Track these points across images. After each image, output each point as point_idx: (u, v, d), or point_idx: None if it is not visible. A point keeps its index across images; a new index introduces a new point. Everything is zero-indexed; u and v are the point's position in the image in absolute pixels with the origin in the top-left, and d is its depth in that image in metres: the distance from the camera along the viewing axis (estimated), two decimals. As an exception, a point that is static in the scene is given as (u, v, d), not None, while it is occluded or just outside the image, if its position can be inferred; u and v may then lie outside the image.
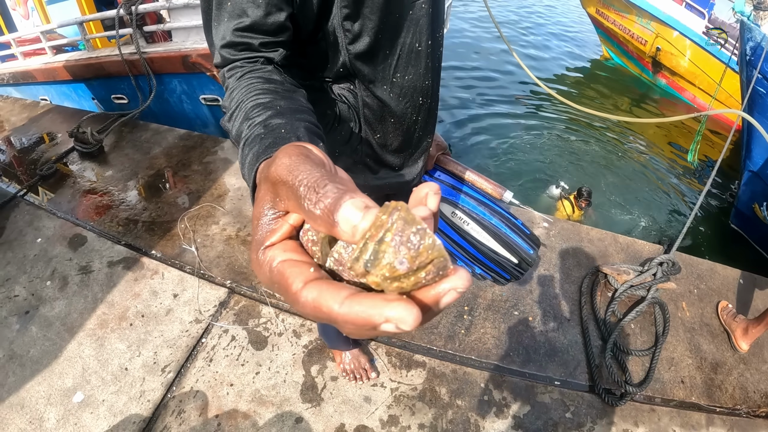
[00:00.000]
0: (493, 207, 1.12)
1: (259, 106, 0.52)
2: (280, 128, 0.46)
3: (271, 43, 0.65)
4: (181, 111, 3.74)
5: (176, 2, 3.08)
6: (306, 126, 0.48)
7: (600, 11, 7.22)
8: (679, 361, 1.99)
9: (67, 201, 2.70)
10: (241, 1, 0.62)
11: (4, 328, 2.01)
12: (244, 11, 0.62)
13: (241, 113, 0.53)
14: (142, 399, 1.72)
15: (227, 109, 0.58)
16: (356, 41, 0.77)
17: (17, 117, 3.83)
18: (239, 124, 0.52)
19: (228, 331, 1.93)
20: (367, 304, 0.24)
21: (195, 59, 3.15)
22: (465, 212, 1.10)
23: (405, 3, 0.78)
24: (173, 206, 2.60)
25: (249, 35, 0.63)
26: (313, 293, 0.25)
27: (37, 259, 2.33)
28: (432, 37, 0.86)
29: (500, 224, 1.09)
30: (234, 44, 0.64)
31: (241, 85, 0.58)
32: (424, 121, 0.97)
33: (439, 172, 1.18)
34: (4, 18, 4.97)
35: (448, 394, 1.76)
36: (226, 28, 0.64)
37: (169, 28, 3.28)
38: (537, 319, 2.05)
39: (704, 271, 2.41)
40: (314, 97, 0.75)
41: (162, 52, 3.31)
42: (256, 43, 0.64)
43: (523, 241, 1.09)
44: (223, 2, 0.64)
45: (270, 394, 1.72)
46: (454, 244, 1.13)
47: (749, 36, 3.65)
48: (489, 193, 1.15)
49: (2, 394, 1.77)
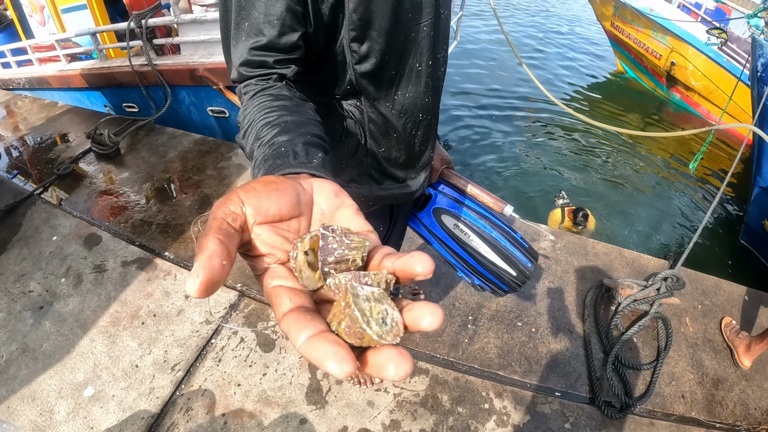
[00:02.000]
0: (494, 220, 1.16)
1: (267, 125, 0.57)
2: (281, 147, 0.51)
3: (285, 60, 0.70)
4: (189, 121, 3.85)
5: (184, 18, 3.17)
6: (306, 140, 0.53)
7: (615, 25, 7.23)
8: (681, 376, 2.00)
9: (83, 201, 2.77)
10: (258, 22, 0.67)
11: (18, 322, 2.07)
12: (261, 31, 0.67)
13: (253, 132, 0.58)
14: (151, 395, 1.77)
15: (241, 126, 0.63)
16: (363, 62, 0.81)
17: (35, 116, 3.93)
18: (251, 142, 0.57)
19: (237, 333, 1.98)
20: (316, 353, 0.28)
21: (202, 73, 3.25)
22: (467, 225, 1.14)
23: (409, 26, 0.82)
24: (187, 209, 2.66)
25: (264, 53, 0.68)
26: (285, 326, 0.31)
27: (52, 256, 2.39)
28: (433, 58, 0.90)
29: (500, 237, 1.13)
30: (250, 62, 0.69)
31: (253, 103, 0.64)
32: (424, 136, 1.01)
33: (443, 185, 1.22)
34: (22, 24, 5.11)
35: (449, 401, 1.79)
36: (244, 47, 0.69)
37: (178, 41, 3.38)
38: (540, 330, 2.07)
39: (709, 287, 2.42)
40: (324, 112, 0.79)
41: (171, 64, 3.41)
42: (270, 60, 0.69)
43: (522, 254, 1.13)
44: (240, 23, 0.69)
45: (276, 395, 1.76)
46: (455, 255, 1.17)
47: (761, 52, 3.65)
48: (490, 207, 1.19)
49: (14, 386, 1.82)
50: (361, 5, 0.73)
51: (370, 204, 1.07)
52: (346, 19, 0.75)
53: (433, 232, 1.19)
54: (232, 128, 3.72)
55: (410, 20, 0.81)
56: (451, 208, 1.16)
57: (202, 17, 3.13)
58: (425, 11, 0.83)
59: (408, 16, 0.80)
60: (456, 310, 2.11)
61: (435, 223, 1.17)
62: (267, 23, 0.67)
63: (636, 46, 6.97)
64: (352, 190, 1.02)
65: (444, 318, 0.32)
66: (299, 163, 0.47)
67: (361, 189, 1.03)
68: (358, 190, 1.03)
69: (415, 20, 0.82)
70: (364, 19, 0.75)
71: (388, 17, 0.77)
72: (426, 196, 1.23)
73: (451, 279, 2.24)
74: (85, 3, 4.08)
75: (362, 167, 0.99)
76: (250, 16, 0.68)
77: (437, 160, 1.22)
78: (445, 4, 0.89)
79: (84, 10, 4.14)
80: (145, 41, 3.32)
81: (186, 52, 3.43)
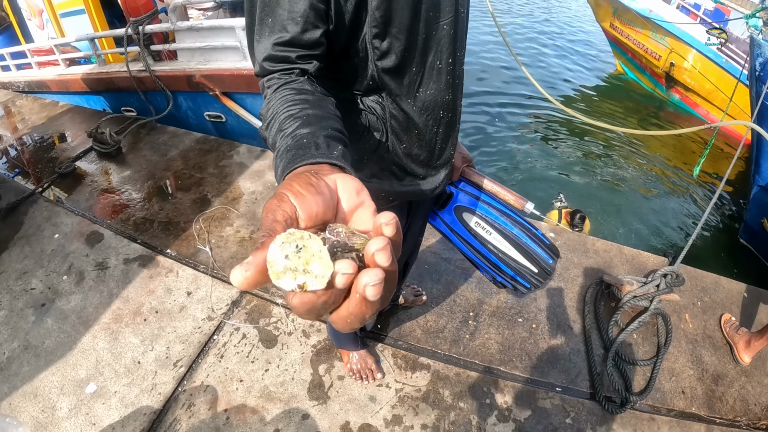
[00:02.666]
0: (515, 217, 1.17)
1: (290, 118, 0.58)
2: (303, 138, 0.53)
3: (307, 56, 0.71)
4: (187, 126, 3.88)
5: (181, 25, 3.20)
6: (327, 134, 0.54)
7: (614, 25, 7.25)
8: (681, 371, 2.01)
9: (84, 199, 2.78)
10: (282, 18, 0.69)
11: (20, 319, 2.08)
12: (284, 27, 0.69)
13: (275, 124, 0.60)
14: (153, 392, 1.78)
15: (264, 118, 0.65)
16: (384, 58, 0.83)
17: (37, 116, 3.95)
18: (274, 134, 0.59)
19: (239, 329, 1.98)
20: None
21: (199, 79, 3.27)
22: (488, 222, 1.15)
23: (429, 24, 0.84)
24: (189, 207, 2.67)
25: (288, 49, 0.70)
26: None
27: (54, 254, 2.40)
28: (453, 56, 0.92)
29: (521, 234, 1.14)
30: (273, 57, 0.70)
31: (276, 96, 0.65)
32: (445, 133, 1.03)
33: (464, 183, 1.23)
34: (21, 28, 5.14)
35: (451, 396, 1.80)
36: (267, 42, 0.70)
37: (175, 48, 3.41)
38: (541, 326, 2.08)
39: (709, 284, 2.43)
40: (346, 108, 0.81)
41: (168, 70, 3.44)
42: (293, 56, 0.70)
43: (543, 250, 1.14)
44: (264, 19, 0.70)
45: (278, 391, 1.77)
46: (477, 252, 1.18)
47: (759, 52, 3.67)
48: (511, 204, 1.20)
49: (16, 383, 1.83)
50: (384, 3, 0.75)
51: (390, 199, 1.08)
52: (369, 15, 0.77)
53: (455, 230, 1.20)
54: (228, 132, 3.75)
55: (431, 18, 0.84)
56: (472, 206, 1.17)
57: (198, 24, 3.16)
58: (446, 10, 0.85)
59: (429, 14, 0.83)
60: (457, 306, 2.12)
61: (456, 221, 1.18)
62: (291, 20, 0.69)
63: (635, 47, 6.99)
64: (373, 185, 1.03)
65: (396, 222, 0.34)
66: (321, 154, 0.49)
67: (381, 184, 1.04)
68: (379, 185, 1.04)
69: (436, 18, 0.85)
70: (386, 16, 0.77)
71: (409, 15, 0.79)
72: (447, 194, 1.24)
73: (452, 276, 2.25)
74: (83, 7, 4.11)
75: (383, 163, 1.00)
76: (274, 13, 0.69)
77: (458, 158, 1.23)
78: (464, 3, 0.91)
79: (82, 15, 4.16)
80: (143, 47, 3.35)
81: (183, 58, 3.46)
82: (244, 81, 3.15)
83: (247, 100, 3.32)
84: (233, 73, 3.15)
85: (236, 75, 3.15)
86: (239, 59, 3.15)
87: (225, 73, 3.18)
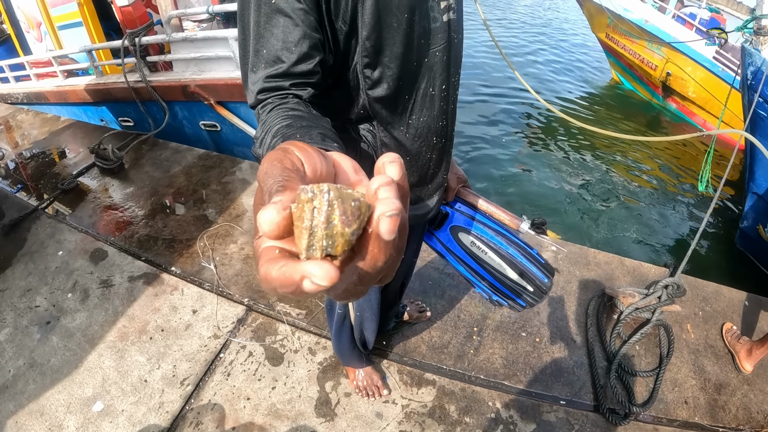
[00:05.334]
0: (510, 237, 1.19)
1: (283, 127, 0.57)
2: (294, 135, 0.52)
3: (301, 83, 0.72)
4: (183, 134, 3.94)
5: (176, 36, 3.25)
6: (321, 131, 0.53)
7: (610, 36, 7.29)
8: (683, 381, 2.03)
9: (87, 215, 2.79)
10: (275, 49, 0.69)
11: (25, 337, 2.08)
12: (279, 58, 0.69)
13: (267, 137, 0.58)
14: (160, 410, 1.78)
15: (258, 138, 0.62)
16: (375, 87, 0.83)
17: (38, 130, 3.96)
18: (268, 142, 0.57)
19: (245, 347, 2.00)
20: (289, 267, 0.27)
21: (194, 89, 3.33)
22: (483, 242, 1.17)
23: (422, 51, 0.84)
24: (192, 224, 2.68)
25: (281, 80, 0.70)
26: (263, 268, 0.29)
27: (58, 271, 2.41)
28: (447, 82, 0.92)
29: (516, 254, 1.16)
30: (268, 89, 0.70)
31: (270, 116, 0.65)
32: (438, 159, 1.03)
33: (459, 203, 1.25)
34: (19, 40, 5.19)
35: (456, 411, 1.81)
36: (262, 74, 0.70)
37: (170, 59, 3.46)
38: (544, 340, 2.10)
39: (710, 294, 2.45)
40: None
41: (164, 80, 3.49)
42: (287, 84, 0.70)
43: (538, 269, 1.16)
44: (259, 50, 0.71)
45: (285, 408, 1.78)
46: (473, 272, 1.20)
47: (750, 61, 3.72)
48: (506, 223, 1.22)
49: (22, 401, 1.83)
50: (374, 33, 0.76)
51: None
52: (359, 45, 0.77)
53: (451, 250, 1.22)
54: (223, 141, 3.80)
55: (422, 46, 0.84)
56: (467, 225, 1.19)
57: (193, 36, 3.21)
58: (438, 36, 0.85)
59: (421, 42, 0.83)
60: (461, 321, 2.14)
61: (452, 241, 1.20)
62: (285, 50, 0.69)
63: (631, 57, 7.03)
64: None
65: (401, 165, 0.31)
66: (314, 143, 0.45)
67: None
68: None
69: (428, 46, 0.84)
70: (377, 46, 0.78)
71: (400, 44, 0.79)
72: (443, 214, 1.26)
73: (455, 291, 2.27)
74: (80, 20, 4.15)
75: None
76: (269, 44, 0.70)
77: (453, 179, 1.24)
78: (457, 29, 0.91)
79: (80, 27, 4.21)
80: (139, 59, 3.40)
81: (178, 68, 3.51)
82: (238, 90, 3.20)
83: (241, 109, 3.37)
84: (227, 83, 3.20)
85: (230, 84, 3.19)
86: (233, 69, 3.19)
87: (219, 82, 3.23)
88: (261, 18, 0.70)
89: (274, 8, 0.68)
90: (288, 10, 0.68)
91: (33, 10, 4.50)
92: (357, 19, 0.75)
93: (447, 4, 0.85)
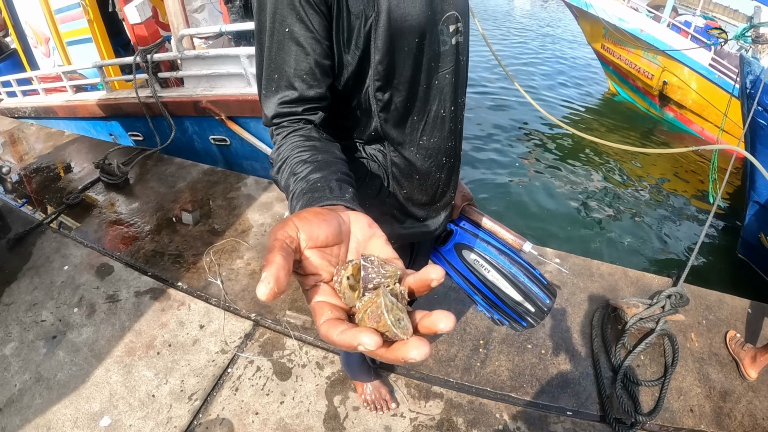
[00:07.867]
0: (513, 256, 1.21)
1: (301, 163, 0.64)
2: (318, 182, 0.59)
3: (313, 108, 0.76)
4: (193, 149, 3.99)
5: (188, 54, 3.31)
6: (338, 177, 0.61)
7: (606, 46, 7.32)
8: (688, 390, 2.03)
9: (93, 230, 2.80)
10: (288, 75, 0.74)
11: (31, 351, 2.08)
12: (292, 84, 0.74)
13: (287, 168, 0.65)
14: (168, 425, 1.78)
15: (274, 162, 0.71)
16: (387, 109, 0.86)
17: (43, 145, 3.99)
18: (287, 177, 0.65)
19: (253, 362, 2.00)
20: (350, 337, 0.36)
21: (206, 105, 3.38)
22: (487, 260, 1.18)
23: (431, 74, 0.87)
24: (198, 240, 2.70)
25: (294, 106, 0.75)
26: (324, 328, 0.38)
27: (64, 285, 2.42)
28: (455, 103, 0.95)
29: (519, 273, 1.17)
30: (281, 114, 0.76)
31: (286, 142, 0.71)
32: (447, 178, 1.06)
33: (464, 221, 1.27)
34: (26, 54, 5.24)
35: (464, 423, 1.82)
36: (275, 99, 0.75)
37: (182, 75, 3.52)
38: (550, 351, 2.11)
39: (713, 302, 2.47)
40: (348, 156, 0.84)
41: (175, 96, 3.55)
42: (300, 109, 0.75)
43: (540, 290, 1.17)
44: (271, 75, 0.75)
45: (294, 423, 1.79)
46: (476, 289, 1.22)
47: (748, 69, 3.76)
48: (509, 243, 1.23)
49: (28, 416, 1.82)
50: (386, 57, 0.78)
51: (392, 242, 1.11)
52: (372, 69, 0.80)
53: (455, 267, 1.23)
54: (233, 155, 3.84)
55: (432, 69, 0.86)
56: (471, 243, 1.21)
57: (204, 53, 3.26)
58: (446, 59, 0.88)
59: (430, 65, 0.85)
60: (467, 335, 2.15)
61: (456, 258, 1.22)
62: (297, 77, 0.74)
63: (627, 67, 7.06)
64: None
65: (455, 323, 0.39)
66: (335, 197, 0.55)
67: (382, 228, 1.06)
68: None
69: (437, 69, 0.87)
70: (388, 69, 0.80)
71: (411, 67, 0.82)
72: (448, 231, 1.27)
73: (462, 305, 2.28)
74: (90, 36, 4.20)
75: (384, 207, 1.02)
76: (281, 70, 0.74)
77: (459, 197, 1.26)
78: (464, 51, 0.94)
79: (89, 43, 4.26)
80: (151, 75, 3.44)
81: (189, 85, 3.56)
82: (249, 106, 3.24)
83: (251, 124, 3.42)
84: (238, 99, 3.24)
85: (241, 100, 3.24)
86: (244, 85, 3.24)
87: (230, 98, 3.28)
88: (274, 45, 0.73)
89: (287, 36, 0.72)
90: (300, 38, 0.72)
91: (41, 26, 4.56)
92: (370, 44, 0.77)
93: (455, 28, 0.87)
